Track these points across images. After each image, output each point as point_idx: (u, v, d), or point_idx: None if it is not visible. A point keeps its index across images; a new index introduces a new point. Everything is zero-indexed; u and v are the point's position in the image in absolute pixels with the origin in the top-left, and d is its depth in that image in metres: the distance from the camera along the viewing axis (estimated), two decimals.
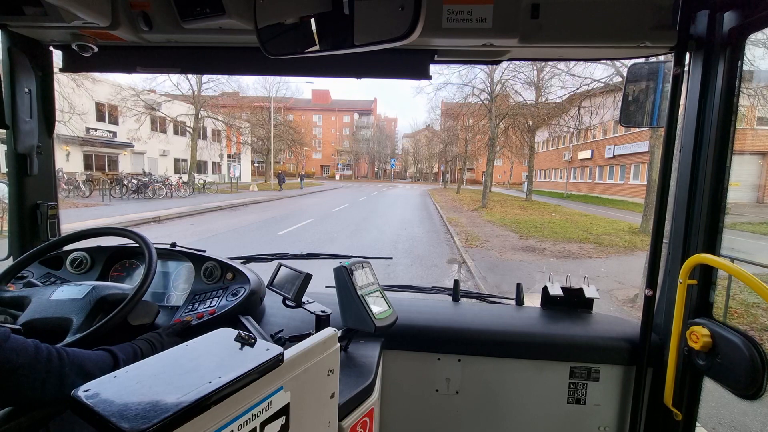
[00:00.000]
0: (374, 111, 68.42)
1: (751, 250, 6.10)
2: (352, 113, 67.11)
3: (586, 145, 32.21)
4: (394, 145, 71.63)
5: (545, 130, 25.20)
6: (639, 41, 1.10)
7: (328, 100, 67.54)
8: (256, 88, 57.92)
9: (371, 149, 65.75)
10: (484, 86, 20.37)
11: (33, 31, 1.27)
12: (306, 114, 65.11)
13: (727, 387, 1.01)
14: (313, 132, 65.34)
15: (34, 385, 0.67)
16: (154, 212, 13.19)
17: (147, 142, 26.05)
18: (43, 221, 1.44)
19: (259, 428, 0.59)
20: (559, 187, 37.47)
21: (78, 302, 0.99)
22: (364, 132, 67.36)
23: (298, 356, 0.67)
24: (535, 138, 23.55)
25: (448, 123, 41.47)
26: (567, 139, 35.33)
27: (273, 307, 1.38)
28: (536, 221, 14.07)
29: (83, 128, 22.32)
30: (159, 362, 0.58)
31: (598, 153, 30.64)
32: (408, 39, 0.77)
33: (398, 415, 1.36)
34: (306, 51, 0.91)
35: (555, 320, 1.41)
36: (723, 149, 1.08)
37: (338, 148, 66.14)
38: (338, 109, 67.07)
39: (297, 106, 65.85)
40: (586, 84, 17.12)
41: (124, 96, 22.33)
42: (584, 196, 29.20)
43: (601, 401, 1.31)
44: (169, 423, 0.46)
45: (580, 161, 34.01)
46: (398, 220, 14.52)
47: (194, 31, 1.15)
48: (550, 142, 40.27)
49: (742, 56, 1.04)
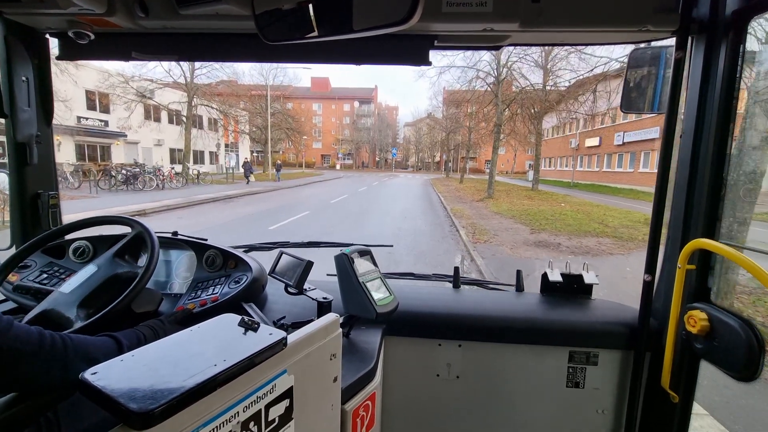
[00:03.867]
0: (375, 99, 66.57)
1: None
2: (353, 101, 64.89)
3: (595, 132, 31.07)
4: (396, 133, 70.24)
5: (552, 115, 24.17)
6: (641, 25, 1.08)
7: (328, 88, 65.29)
8: (252, 74, 56.32)
9: (372, 138, 63.81)
10: (489, 69, 19.38)
11: (29, 18, 1.24)
12: (305, 102, 63.57)
13: (724, 369, 1.01)
14: (313, 121, 63.78)
15: (39, 371, 0.67)
16: (140, 205, 12.42)
17: (138, 131, 25.12)
18: (44, 210, 1.43)
19: (263, 410, 0.61)
20: (565, 175, 36.45)
21: (90, 279, 1.02)
22: (364, 120, 65.46)
23: (301, 341, 0.68)
24: (542, 124, 22.57)
25: (450, 110, 40.61)
26: (574, 126, 34.18)
27: (275, 294, 1.38)
28: (546, 212, 13.24)
29: (74, 117, 21.53)
30: (165, 346, 0.59)
31: (607, 140, 29.52)
32: (407, 24, 0.76)
33: (400, 399, 1.38)
34: (304, 37, 0.89)
35: (554, 306, 1.42)
36: (724, 134, 1.07)
37: (339, 137, 64.22)
38: (338, 97, 64.70)
39: (296, 94, 64.57)
40: (602, 64, 16.12)
41: (113, 83, 21.29)
42: (592, 185, 28.23)
43: (600, 385, 1.33)
44: (176, 404, 0.47)
45: (587, 149, 32.89)
46: (399, 211, 13.70)
47: (191, 17, 1.13)
48: (556, 130, 39.14)
49: (744, 40, 1.03)
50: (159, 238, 1.10)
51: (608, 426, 1.34)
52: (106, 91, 22.37)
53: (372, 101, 65.90)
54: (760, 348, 0.93)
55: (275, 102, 39.33)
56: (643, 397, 1.27)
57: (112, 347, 0.79)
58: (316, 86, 64.03)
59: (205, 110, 27.33)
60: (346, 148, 65.29)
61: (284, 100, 63.61)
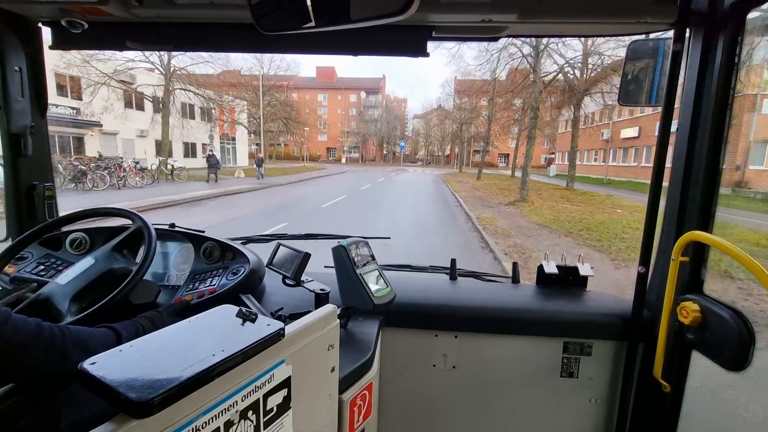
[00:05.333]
0: (382, 89, 62.62)
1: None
2: (359, 91, 60.96)
3: (633, 122, 27.17)
4: (404, 126, 66.50)
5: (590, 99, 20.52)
6: (639, 17, 1.10)
7: (334, 78, 61.35)
8: (246, 59, 53.26)
9: (379, 130, 60.04)
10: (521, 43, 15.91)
11: (20, 6, 1.23)
12: (310, 93, 60.36)
13: (715, 359, 1.03)
14: (318, 112, 60.57)
15: (37, 362, 0.68)
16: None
17: (117, 120, 22.27)
18: (39, 202, 1.44)
19: (262, 399, 0.63)
20: (594, 170, 32.56)
21: (87, 272, 1.02)
22: (371, 112, 61.79)
23: (298, 331, 0.70)
24: (581, 110, 18.99)
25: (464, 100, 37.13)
26: (606, 115, 30.26)
27: (273, 286, 1.38)
28: (608, 224, 9.81)
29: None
30: (163, 337, 0.60)
31: (647, 130, 25.61)
32: (405, 14, 0.76)
33: (397, 389, 1.41)
34: (301, 27, 0.88)
35: (550, 297, 1.44)
36: (719, 128, 1.08)
37: (345, 130, 60.81)
38: (344, 87, 60.72)
39: (301, 84, 61.33)
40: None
41: (71, 61, 18.20)
42: (629, 183, 24.42)
43: (594, 375, 1.35)
44: (175, 393, 0.48)
45: (622, 140, 28.95)
46: (409, 221, 10.39)
47: (186, 6, 1.13)
48: (584, 119, 35.24)
49: (742, 33, 1.03)
50: (156, 230, 1.11)
51: (601, 415, 1.38)
52: (77, 74, 19.48)
53: (380, 91, 62.01)
54: (750, 338, 0.94)
55: (274, 92, 36.15)
56: (635, 387, 1.29)
57: (110, 338, 0.79)
58: (321, 76, 60.51)
59: (198, 99, 24.33)
60: (352, 141, 61.68)
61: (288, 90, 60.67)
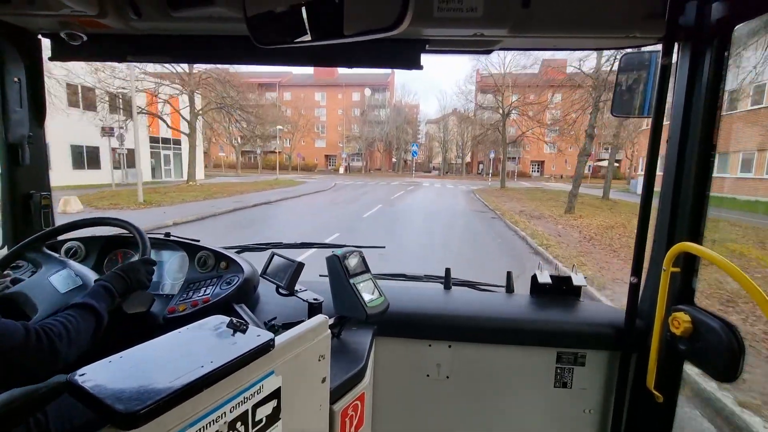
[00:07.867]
0: (390, 86, 54.62)
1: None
2: (363, 89, 52.97)
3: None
4: (416, 130, 58.55)
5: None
6: (629, 31, 1.12)
7: (334, 75, 53.79)
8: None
9: (387, 134, 52.02)
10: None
11: (20, 18, 1.25)
12: (305, 91, 53.23)
13: (706, 370, 1.04)
14: (315, 113, 53.22)
15: (30, 364, 0.69)
16: None
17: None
18: (36, 211, 1.46)
19: (251, 410, 0.63)
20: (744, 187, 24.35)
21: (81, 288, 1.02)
22: (377, 112, 53.83)
23: (289, 342, 0.70)
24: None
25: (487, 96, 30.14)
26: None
27: (267, 295, 1.40)
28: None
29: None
30: (152, 348, 0.61)
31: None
32: (396, 30, 0.77)
33: (390, 400, 1.40)
34: (295, 41, 0.91)
35: (543, 307, 1.44)
36: (708, 140, 1.10)
37: (345, 134, 52.99)
38: (345, 84, 52.96)
39: (295, 81, 54.19)
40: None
41: None
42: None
43: (587, 385, 1.35)
44: (162, 404, 0.49)
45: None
46: None
47: (183, 19, 1.15)
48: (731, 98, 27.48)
49: (729, 47, 1.06)
50: (151, 239, 1.12)
51: (595, 425, 1.37)
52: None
53: (387, 87, 54.28)
54: (740, 350, 0.95)
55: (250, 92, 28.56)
56: (629, 397, 1.29)
57: (91, 323, 0.81)
58: (319, 73, 53.24)
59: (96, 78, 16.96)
60: (353, 146, 53.91)
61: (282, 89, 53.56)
